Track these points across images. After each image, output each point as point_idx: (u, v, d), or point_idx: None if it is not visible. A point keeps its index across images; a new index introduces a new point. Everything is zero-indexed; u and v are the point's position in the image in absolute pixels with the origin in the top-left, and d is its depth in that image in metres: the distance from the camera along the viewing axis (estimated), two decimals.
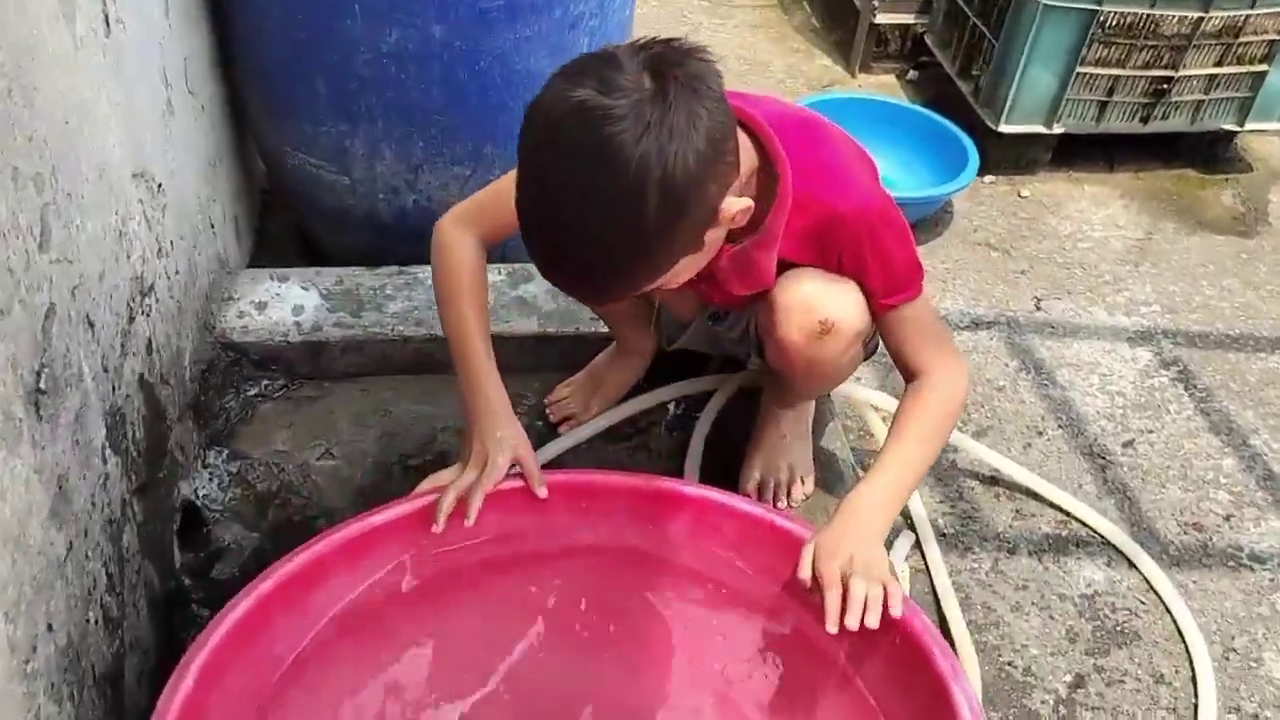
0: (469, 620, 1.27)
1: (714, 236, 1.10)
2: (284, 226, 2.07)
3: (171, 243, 1.44)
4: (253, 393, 1.67)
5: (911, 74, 2.89)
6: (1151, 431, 1.92)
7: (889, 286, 1.27)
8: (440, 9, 1.57)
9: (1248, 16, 2.37)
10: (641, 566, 1.28)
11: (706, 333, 1.53)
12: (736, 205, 1.06)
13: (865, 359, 1.48)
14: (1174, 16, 2.34)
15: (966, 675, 1.07)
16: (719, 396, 1.63)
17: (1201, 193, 2.60)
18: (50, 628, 0.96)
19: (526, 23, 1.63)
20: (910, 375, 1.29)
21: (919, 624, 1.10)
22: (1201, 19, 2.35)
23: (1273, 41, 2.43)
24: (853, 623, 1.08)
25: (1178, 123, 2.55)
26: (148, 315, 1.31)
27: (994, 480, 1.78)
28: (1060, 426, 1.91)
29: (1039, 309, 2.18)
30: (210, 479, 1.52)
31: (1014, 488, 1.77)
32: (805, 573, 1.13)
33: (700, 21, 3.19)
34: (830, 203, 1.22)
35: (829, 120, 1.30)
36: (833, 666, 1.17)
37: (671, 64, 0.97)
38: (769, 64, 2.99)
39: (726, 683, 1.27)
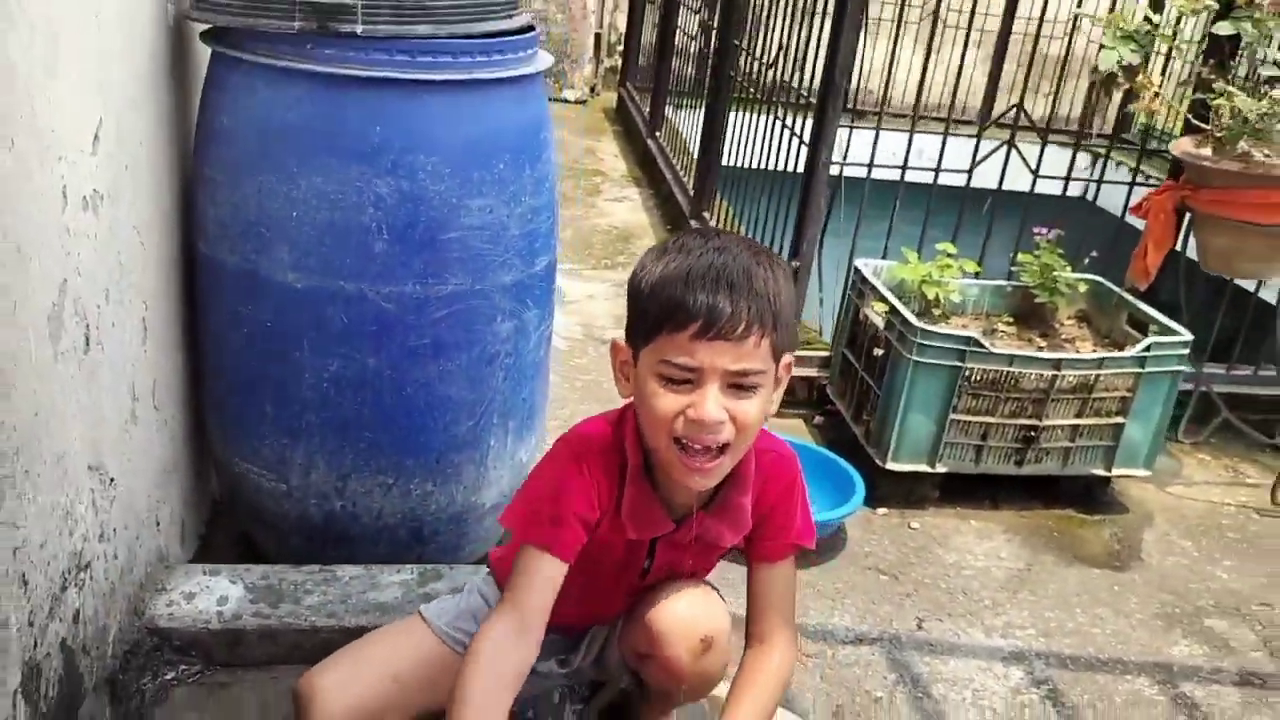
0: None
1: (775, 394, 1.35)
2: (230, 537, 2.27)
3: (115, 530, 1.66)
4: (169, 676, 1.81)
5: (818, 419, 3.22)
6: None
7: (804, 526, 1.49)
8: (376, 345, 1.89)
9: (1097, 376, 2.73)
10: None
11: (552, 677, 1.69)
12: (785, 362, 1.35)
13: None
14: (1031, 374, 2.69)
15: None
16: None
17: (1081, 531, 2.84)
18: None
19: (449, 358, 1.95)
20: (760, 636, 1.47)
21: None
22: (1055, 376, 2.70)
23: (1124, 398, 2.77)
24: None
25: (1050, 466, 2.84)
26: (80, 588, 1.50)
27: None
28: None
29: (920, 628, 2.35)
30: None
31: None
32: None
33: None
34: (763, 445, 1.45)
35: None
36: None
37: None
38: None
39: None
